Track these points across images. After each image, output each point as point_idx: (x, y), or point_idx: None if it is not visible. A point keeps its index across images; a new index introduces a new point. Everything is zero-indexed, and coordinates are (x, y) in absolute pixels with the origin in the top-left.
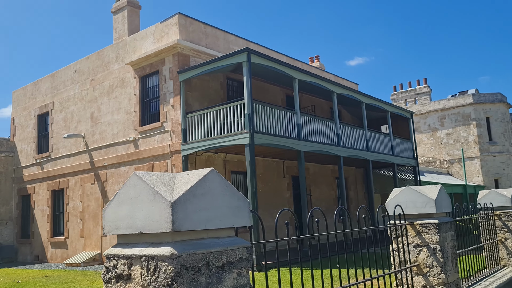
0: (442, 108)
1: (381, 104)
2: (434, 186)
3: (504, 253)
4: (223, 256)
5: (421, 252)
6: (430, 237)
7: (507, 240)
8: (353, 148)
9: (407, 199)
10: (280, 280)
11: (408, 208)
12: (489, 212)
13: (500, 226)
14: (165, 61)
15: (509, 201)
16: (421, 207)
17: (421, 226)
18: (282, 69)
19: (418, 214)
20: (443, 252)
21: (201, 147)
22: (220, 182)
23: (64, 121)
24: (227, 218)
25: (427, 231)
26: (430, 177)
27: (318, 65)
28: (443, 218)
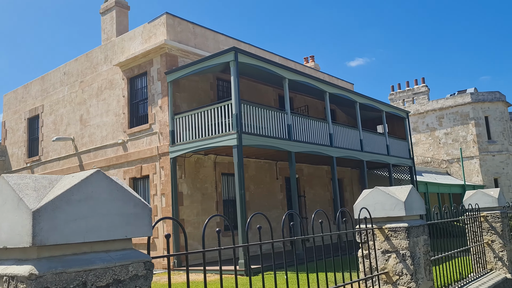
0: (441, 107)
1: (375, 103)
2: (405, 187)
3: (491, 256)
4: (108, 274)
5: (390, 259)
6: (399, 242)
7: (494, 243)
8: (347, 149)
9: (376, 201)
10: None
11: (376, 211)
12: (475, 213)
13: (486, 228)
14: (153, 62)
15: (496, 201)
16: (390, 209)
17: (390, 230)
18: (271, 69)
19: (387, 217)
20: (414, 259)
21: (189, 148)
22: (108, 186)
23: (54, 124)
24: (118, 228)
25: (396, 236)
26: (428, 177)
27: (313, 65)
28: (414, 221)
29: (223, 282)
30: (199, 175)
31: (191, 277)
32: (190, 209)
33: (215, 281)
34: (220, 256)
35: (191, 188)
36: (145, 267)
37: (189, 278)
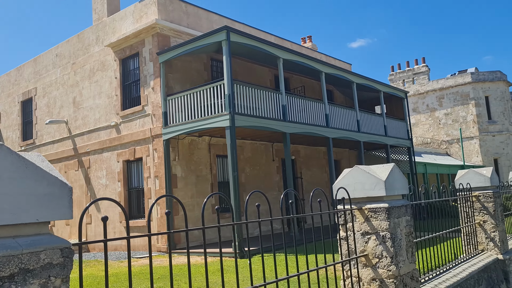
0: (441, 87)
1: (373, 83)
2: (387, 165)
3: (483, 237)
4: (13, 263)
5: (370, 241)
6: (379, 224)
7: (485, 223)
8: (343, 129)
9: (356, 181)
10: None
11: (356, 190)
12: (467, 193)
13: (478, 208)
14: (144, 42)
15: (488, 181)
16: (370, 189)
17: (370, 211)
18: (265, 48)
19: (367, 197)
20: (394, 241)
21: (181, 130)
22: (14, 162)
23: (47, 107)
24: (28, 210)
25: (376, 217)
26: (427, 158)
27: (310, 45)
28: (395, 202)
29: (217, 265)
30: (193, 157)
31: (180, 260)
32: (184, 191)
33: (210, 263)
34: (220, 234)
35: (185, 170)
36: (62, 254)
37: (189, 258)
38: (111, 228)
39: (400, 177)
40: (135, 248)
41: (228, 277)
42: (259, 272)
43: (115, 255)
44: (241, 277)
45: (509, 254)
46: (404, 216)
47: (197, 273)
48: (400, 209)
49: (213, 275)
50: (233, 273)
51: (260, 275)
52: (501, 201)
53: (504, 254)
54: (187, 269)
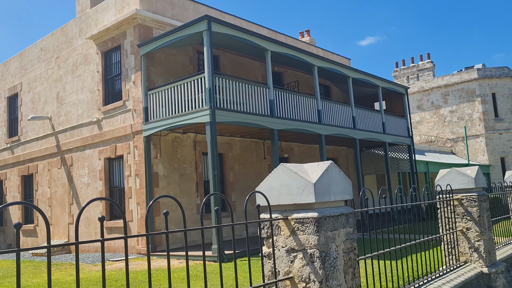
0: (446, 84)
1: (370, 78)
2: (323, 163)
3: (466, 247)
4: None
5: (296, 260)
6: (307, 238)
7: (469, 231)
8: (337, 126)
9: (281, 183)
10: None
11: (282, 195)
12: (448, 196)
13: (461, 213)
14: (126, 34)
15: (472, 182)
16: (297, 194)
17: (297, 222)
18: (251, 39)
19: (295, 204)
20: (325, 260)
21: (162, 126)
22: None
23: (32, 103)
24: None
25: (303, 230)
26: (431, 156)
27: (308, 39)
28: (330, 210)
29: (192, 269)
30: (176, 154)
31: (160, 263)
32: (166, 190)
33: (183, 268)
34: (203, 236)
35: (167, 168)
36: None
37: (169, 260)
38: (93, 229)
39: (340, 179)
40: (115, 250)
41: (200, 284)
42: (231, 279)
43: (94, 257)
44: (209, 285)
45: (496, 267)
46: (342, 228)
47: (174, 279)
48: (337, 219)
49: (185, 281)
50: (203, 279)
51: (232, 282)
52: (488, 205)
53: (490, 267)
54: (164, 273)
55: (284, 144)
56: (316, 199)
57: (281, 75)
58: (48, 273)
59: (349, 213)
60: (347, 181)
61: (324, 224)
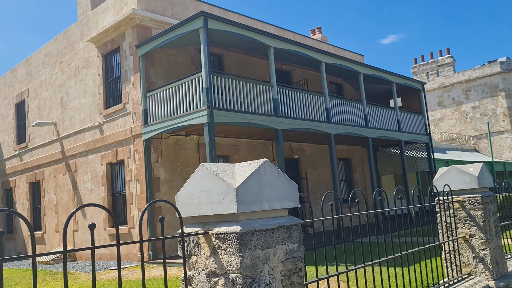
0: (467, 79)
1: (384, 74)
2: (254, 163)
3: (469, 256)
4: None
5: (217, 286)
6: (229, 259)
7: (473, 238)
8: (348, 125)
9: (202, 188)
10: None
11: (202, 204)
12: (448, 197)
13: (463, 217)
14: (125, 35)
15: (476, 181)
16: (218, 202)
17: (218, 239)
18: (251, 36)
19: (216, 215)
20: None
21: (161, 128)
22: None
23: (38, 109)
24: None
25: (225, 248)
26: (452, 154)
27: (320, 37)
28: (260, 222)
29: None
30: (179, 158)
31: (159, 272)
32: (168, 195)
33: None
34: None
35: (169, 172)
36: None
37: (166, 267)
38: (96, 236)
39: (279, 182)
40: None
41: None
42: None
43: (96, 265)
44: None
45: (505, 280)
46: (281, 245)
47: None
48: (273, 234)
49: None
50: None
51: None
52: (495, 207)
53: (498, 280)
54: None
55: (294, 145)
56: (239, 208)
57: (289, 73)
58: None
59: (291, 224)
60: (290, 185)
61: (251, 240)
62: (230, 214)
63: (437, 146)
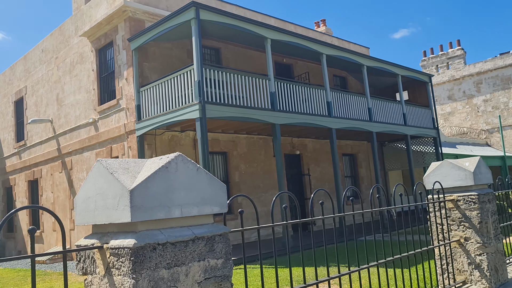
0: (478, 72)
1: (388, 66)
2: (164, 158)
3: (464, 262)
4: None
5: None
6: (122, 282)
7: (468, 242)
8: (351, 119)
9: (98, 190)
10: None
11: (98, 210)
12: (440, 196)
13: (458, 218)
14: (117, 28)
15: (471, 177)
16: (113, 207)
17: (113, 255)
18: (246, 27)
19: (112, 224)
20: None
21: (154, 124)
22: None
23: (35, 106)
24: None
25: (119, 267)
26: (463, 149)
27: (324, 29)
28: (167, 233)
29: None
30: None
31: None
32: None
33: None
34: None
35: None
36: None
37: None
38: None
39: (197, 181)
40: None
41: None
42: None
43: None
44: None
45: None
46: (197, 261)
47: None
48: (186, 248)
49: None
50: None
51: None
52: (494, 207)
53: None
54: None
55: (296, 140)
56: (134, 216)
57: (291, 66)
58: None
59: (214, 235)
60: (215, 186)
61: (151, 257)
62: (126, 224)
63: (447, 140)
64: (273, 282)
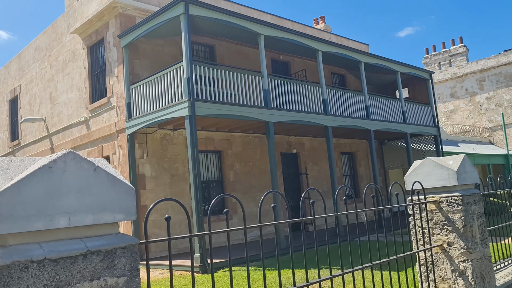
0: (481, 69)
1: (387, 63)
2: (53, 156)
3: (448, 269)
4: None
5: None
6: None
7: (451, 247)
8: (347, 117)
9: None
10: None
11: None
12: (421, 197)
13: (440, 222)
14: (108, 25)
15: (454, 177)
16: None
17: None
18: (238, 23)
19: None
20: None
21: (143, 123)
22: None
23: (29, 105)
24: None
25: None
26: (465, 147)
27: (323, 26)
28: (39, 248)
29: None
30: (166, 153)
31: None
32: (155, 193)
33: (163, 280)
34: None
35: (155, 169)
36: None
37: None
38: None
39: (94, 183)
40: None
41: None
42: None
43: None
44: None
45: None
46: (90, 281)
47: None
48: (74, 265)
49: None
50: None
51: None
52: (481, 209)
53: None
54: None
55: (293, 138)
56: (5, 228)
57: (288, 64)
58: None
59: (115, 248)
60: (120, 188)
61: (20, 278)
62: None
63: (449, 138)
64: (261, 286)
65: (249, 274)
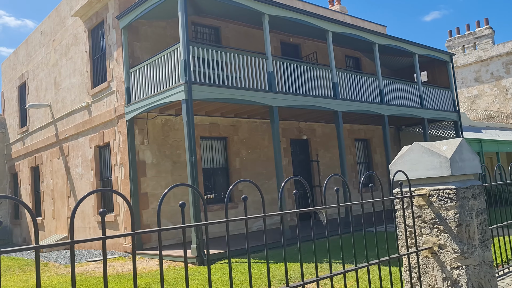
0: (508, 51)
1: (403, 45)
2: None
3: (438, 277)
4: None
5: None
6: None
7: (443, 250)
8: (359, 101)
9: None
10: None
11: None
12: (407, 190)
13: (430, 219)
14: (108, 6)
15: (447, 165)
16: None
17: None
18: (242, 2)
19: None
20: None
21: (141, 108)
22: None
23: (36, 90)
24: None
25: None
26: (488, 134)
27: (339, 8)
28: None
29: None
30: (168, 139)
31: (145, 265)
32: (156, 180)
33: (168, 269)
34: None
35: (157, 155)
36: None
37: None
38: (87, 223)
39: None
40: (107, 247)
41: None
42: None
43: (84, 254)
44: None
45: None
46: None
47: (142, 284)
48: None
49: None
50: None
51: None
52: (481, 204)
53: None
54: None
55: (303, 124)
56: None
57: (298, 46)
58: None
59: None
60: None
61: None
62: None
63: (472, 125)
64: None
65: (250, 267)
